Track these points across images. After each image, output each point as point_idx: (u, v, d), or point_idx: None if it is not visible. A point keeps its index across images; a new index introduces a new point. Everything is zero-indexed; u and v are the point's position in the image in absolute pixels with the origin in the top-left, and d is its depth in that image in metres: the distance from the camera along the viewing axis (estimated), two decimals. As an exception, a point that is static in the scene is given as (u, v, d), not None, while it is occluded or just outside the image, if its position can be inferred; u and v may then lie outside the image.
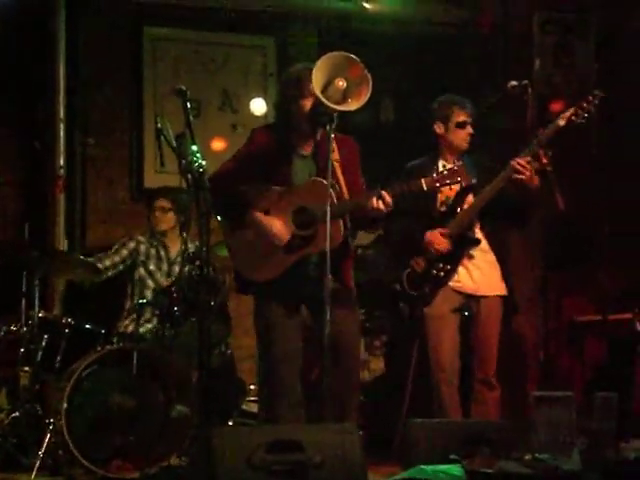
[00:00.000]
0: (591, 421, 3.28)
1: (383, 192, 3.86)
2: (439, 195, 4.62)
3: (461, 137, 4.64)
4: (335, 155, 3.94)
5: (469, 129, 4.64)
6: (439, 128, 4.67)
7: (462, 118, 4.63)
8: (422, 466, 3.26)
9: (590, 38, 6.26)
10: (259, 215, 4.05)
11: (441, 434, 3.48)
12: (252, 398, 5.58)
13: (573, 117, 4.37)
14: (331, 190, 3.81)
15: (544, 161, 4.43)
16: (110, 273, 5.52)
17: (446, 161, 4.66)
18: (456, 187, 4.58)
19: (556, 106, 6.01)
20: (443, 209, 4.65)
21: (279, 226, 4.01)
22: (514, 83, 4.58)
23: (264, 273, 4.05)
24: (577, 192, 5.15)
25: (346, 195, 4.00)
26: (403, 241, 4.72)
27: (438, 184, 3.92)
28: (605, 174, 5.89)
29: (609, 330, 5.44)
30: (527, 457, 3.18)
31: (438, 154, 4.69)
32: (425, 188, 3.89)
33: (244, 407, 5.55)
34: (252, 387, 5.59)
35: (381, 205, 3.85)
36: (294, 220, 4.01)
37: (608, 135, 4.42)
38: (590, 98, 4.37)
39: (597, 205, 5.93)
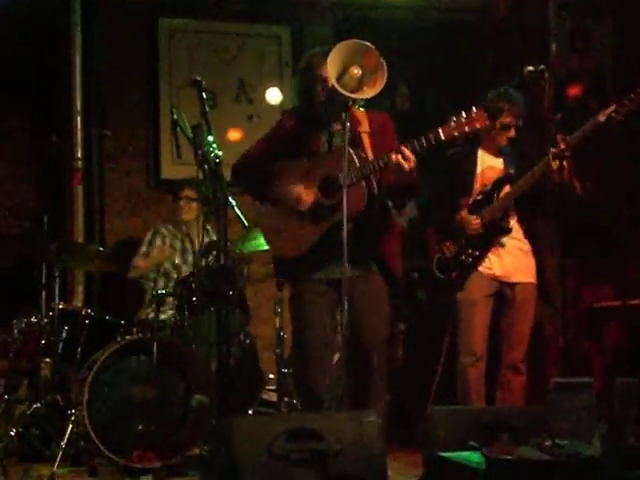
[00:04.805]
0: (611, 407, 3.26)
1: (402, 147, 3.84)
2: (477, 184, 4.69)
3: (502, 138, 4.71)
4: (365, 127, 3.98)
5: (511, 132, 4.68)
6: None
7: (508, 120, 4.68)
8: (442, 454, 3.26)
9: (606, 22, 6.22)
10: (284, 186, 4.02)
11: (461, 421, 3.47)
12: (271, 387, 5.59)
13: (613, 114, 4.36)
14: (355, 155, 3.80)
15: (562, 147, 4.42)
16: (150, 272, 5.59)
17: (486, 150, 4.75)
18: (494, 175, 4.62)
19: (573, 91, 5.97)
20: (480, 197, 4.68)
21: (302, 190, 3.99)
22: (531, 68, 4.55)
23: (295, 247, 4.00)
24: (596, 177, 5.12)
25: None
26: (440, 227, 4.78)
27: (456, 132, 3.86)
28: (625, 157, 5.84)
29: (629, 315, 5.41)
30: (547, 443, 3.17)
31: (479, 142, 4.73)
32: (443, 137, 3.84)
33: (264, 396, 5.56)
34: (271, 376, 5.60)
35: (401, 159, 3.81)
36: (320, 189, 3.97)
37: (628, 119, 4.38)
38: (632, 96, 4.35)
39: (617, 190, 5.89)
